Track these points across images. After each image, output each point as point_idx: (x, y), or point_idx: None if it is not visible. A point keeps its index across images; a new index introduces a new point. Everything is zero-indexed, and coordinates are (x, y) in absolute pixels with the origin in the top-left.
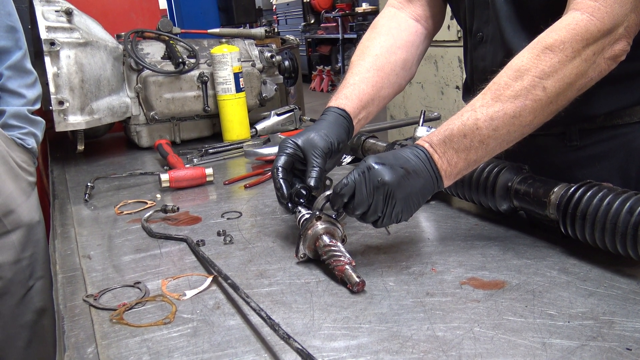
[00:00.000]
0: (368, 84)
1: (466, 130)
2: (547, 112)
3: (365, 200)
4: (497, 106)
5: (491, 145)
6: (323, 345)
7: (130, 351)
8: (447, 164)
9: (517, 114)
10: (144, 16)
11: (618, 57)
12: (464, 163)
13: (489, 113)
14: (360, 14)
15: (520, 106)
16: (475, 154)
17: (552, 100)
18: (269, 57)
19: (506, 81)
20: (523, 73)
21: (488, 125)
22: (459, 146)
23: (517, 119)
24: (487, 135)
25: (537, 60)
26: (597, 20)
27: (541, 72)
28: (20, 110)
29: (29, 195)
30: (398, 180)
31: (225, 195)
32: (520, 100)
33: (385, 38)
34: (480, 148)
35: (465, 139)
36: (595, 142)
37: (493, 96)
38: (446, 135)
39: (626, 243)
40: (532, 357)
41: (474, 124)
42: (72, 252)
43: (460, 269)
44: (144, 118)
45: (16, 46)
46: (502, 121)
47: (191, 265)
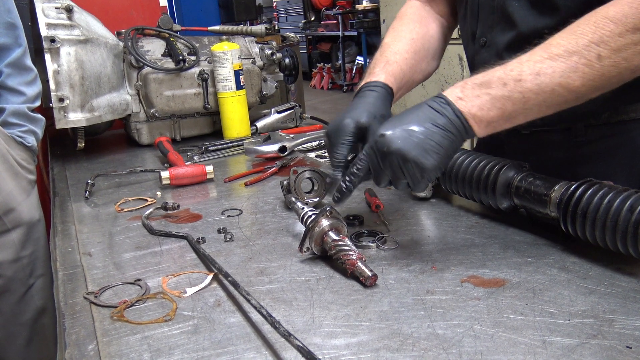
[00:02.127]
0: (407, 65)
1: (507, 80)
2: (597, 83)
3: (382, 172)
4: (546, 63)
5: (531, 101)
6: (323, 343)
7: (131, 348)
8: (477, 109)
9: (565, 75)
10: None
11: None
12: (497, 112)
13: (537, 68)
14: (361, 12)
15: (571, 67)
16: (512, 105)
17: (604, 71)
18: (269, 54)
19: (559, 42)
20: (579, 36)
21: (533, 79)
22: (496, 93)
23: (565, 80)
24: (529, 89)
25: (595, 27)
26: None
27: (598, 39)
28: (20, 108)
29: (29, 194)
30: (405, 142)
31: (225, 193)
32: (573, 60)
33: (419, 25)
34: (519, 102)
35: (504, 87)
36: (601, 138)
37: (543, 53)
38: (484, 80)
39: (627, 241)
40: (533, 355)
41: (518, 75)
42: (73, 250)
43: (460, 266)
44: (144, 115)
45: (16, 43)
46: (548, 78)
47: (192, 263)
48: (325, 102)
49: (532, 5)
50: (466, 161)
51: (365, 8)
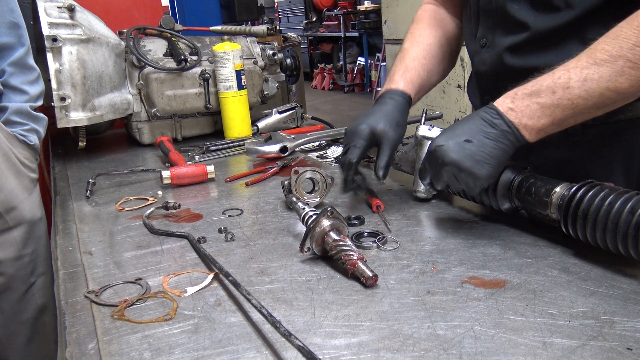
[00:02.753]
0: (424, 70)
1: (556, 87)
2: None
3: (440, 179)
4: (592, 68)
5: (580, 107)
6: (324, 343)
7: (132, 347)
8: (528, 118)
9: (612, 79)
10: (146, 13)
11: None
12: (547, 119)
13: (583, 74)
14: (362, 13)
15: (617, 71)
16: (562, 112)
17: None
18: (270, 54)
19: (603, 47)
20: (622, 40)
21: (580, 85)
22: (545, 101)
23: (613, 84)
24: (577, 96)
25: (638, 31)
26: None
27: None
28: (23, 106)
29: (31, 192)
30: (460, 155)
31: (226, 193)
32: (619, 64)
33: (435, 30)
34: (568, 108)
35: (554, 95)
36: (598, 137)
37: (589, 59)
38: (534, 90)
39: (627, 243)
40: (533, 356)
41: (566, 83)
42: (74, 249)
43: (461, 267)
44: (145, 115)
45: (19, 42)
46: (596, 84)
47: (192, 262)
48: (327, 103)
49: (533, 6)
50: None
51: (367, 9)
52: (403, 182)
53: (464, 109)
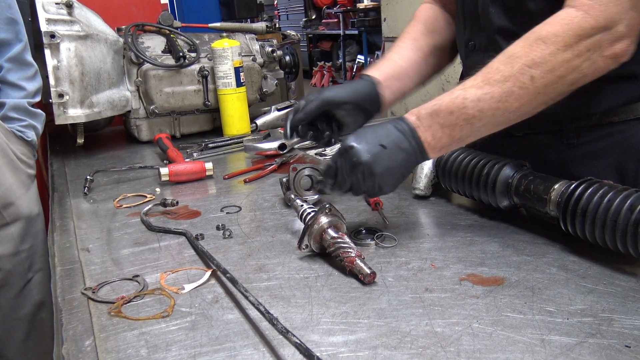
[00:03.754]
0: (402, 59)
1: (453, 108)
2: (535, 101)
3: (346, 180)
4: (485, 88)
5: (476, 125)
6: (321, 340)
7: (129, 344)
8: (431, 138)
9: (502, 99)
10: (144, 10)
11: (619, 57)
12: (447, 139)
13: (477, 94)
14: (362, 10)
15: (506, 91)
16: (460, 131)
17: (539, 91)
18: (269, 51)
19: (497, 66)
20: (514, 60)
21: (474, 105)
22: (444, 121)
23: (503, 104)
24: (472, 115)
25: (529, 50)
26: (591, 18)
27: (531, 61)
28: (20, 102)
29: (29, 188)
30: (374, 158)
31: (224, 190)
32: (508, 85)
33: (423, 25)
34: (465, 126)
35: (451, 116)
36: (592, 139)
37: (483, 79)
38: (434, 110)
39: (626, 240)
40: (531, 353)
41: (462, 103)
42: (71, 245)
43: (459, 265)
44: (144, 112)
45: (16, 38)
46: (488, 104)
47: (190, 259)
48: None
49: (505, 11)
50: (466, 159)
51: (367, 7)
52: None
53: None
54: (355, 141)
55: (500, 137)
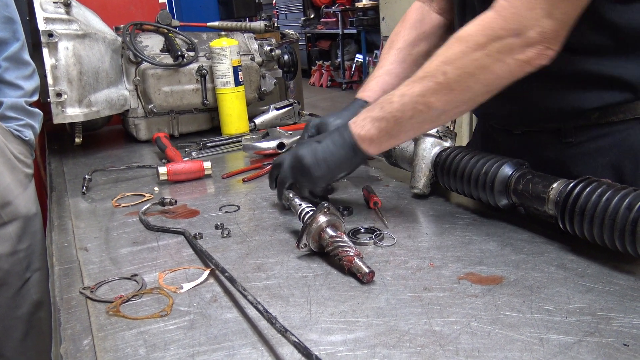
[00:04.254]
0: (391, 75)
1: (384, 102)
2: (450, 97)
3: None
4: (410, 85)
5: (402, 120)
6: (320, 339)
7: (127, 343)
8: (361, 129)
9: (421, 94)
10: (143, 8)
11: (534, 61)
12: (376, 131)
13: (403, 89)
14: (360, 9)
15: (424, 87)
16: (387, 124)
17: (452, 87)
18: (268, 51)
19: (427, 64)
20: (434, 58)
21: (399, 100)
22: (375, 115)
23: (422, 98)
24: (396, 109)
25: (447, 48)
26: (501, 19)
27: (445, 58)
28: (18, 101)
29: (26, 187)
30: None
31: (223, 189)
32: (425, 81)
33: (409, 31)
34: (392, 121)
35: (381, 110)
36: (590, 138)
37: (415, 75)
38: (370, 105)
39: (624, 239)
40: (530, 352)
41: (390, 98)
42: (69, 245)
43: (458, 264)
44: (142, 111)
45: (14, 37)
46: (409, 98)
47: (188, 258)
48: (324, 100)
49: None
50: (464, 158)
51: (365, 6)
52: (400, 179)
53: None
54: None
55: (499, 134)
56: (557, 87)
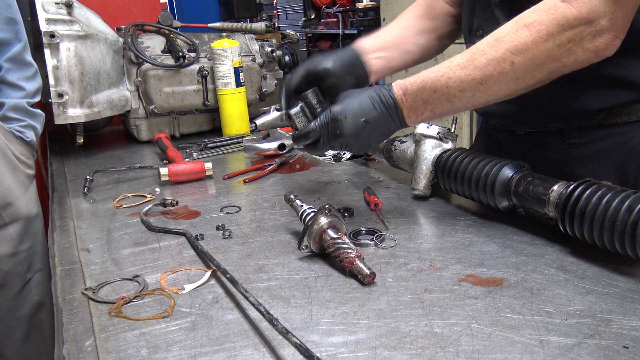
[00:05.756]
0: (389, 34)
1: (438, 86)
2: (513, 86)
3: (326, 146)
4: (469, 69)
5: (457, 104)
6: (321, 341)
7: (129, 344)
8: (413, 113)
9: (483, 82)
10: (144, 9)
11: (602, 51)
12: (429, 114)
13: (460, 75)
14: (361, 10)
15: (487, 75)
16: (441, 108)
17: (518, 76)
18: (269, 51)
19: (483, 48)
20: (498, 44)
21: (457, 86)
22: (428, 98)
23: (483, 86)
24: (453, 95)
25: (514, 35)
26: (575, 10)
27: (514, 47)
28: (20, 102)
29: (28, 188)
30: (356, 132)
31: (224, 190)
32: (489, 69)
33: (417, 8)
34: (446, 104)
35: (435, 94)
36: (594, 140)
37: (469, 59)
38: (420, 86)
39: (624, 241)
40: (530, 354)
41: (446, 82)
42: (71, 245)
43: (458, 265)
44: (143, 112)
45: (16, 38)
46: (468, 85)
47: (190, 260)
48: None
49: None
50: (465, 160)
51: (366, 6)
52: (401, 180)
53: None
54: (340, 113)
55: (502, 134)
56: (562, 87)
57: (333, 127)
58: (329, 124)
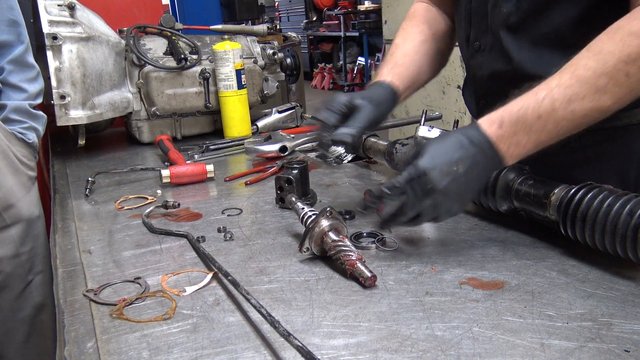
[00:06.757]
0: (415, 66)
1: (541, 111)
2: (627, 98)
3: (414, 208)
4: (575, 87)
5: (565, 127)
6: (322, 343)
7: (130, 346)
8: (514, 147)
9: (597, 98)
10: (146, 11)
11: None
12: (533, 144)
13: (567, 94)
14: (363, 12)
15: (600, 90)
16: (547, 135)
17: (633, 87)
18: (270, 54)
19: (586, 63)
20: (606, 56)
21: (565, 107)
22: (531, 127)
23: (597, 103)
24: (562, 117)
25: (622, 45)
26: None
27: (626, 57)
28: (22, 104)
29: (29, 190)
30: (452, 183)
31: (225, 192)
32: (601, 83)
33: (427, 27)
34: (554, 130)
35: (539, 120)
36: (594, 143)
37: (571, 77)
38: (520, 115)
39: (626, 245)
40: (531, 357)
41: (551, 106)
42: (73, 247)
43: (459, 268)
44: (145, 113)
45: (18, 40)
46: (580, 104)
47: (191, 262)
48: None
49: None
50: None
51: (367, 9)
52: None
53: (463, 110)
54: (429, 164)
55: None
56: None
57: (422, 182)
58: (414, 180)
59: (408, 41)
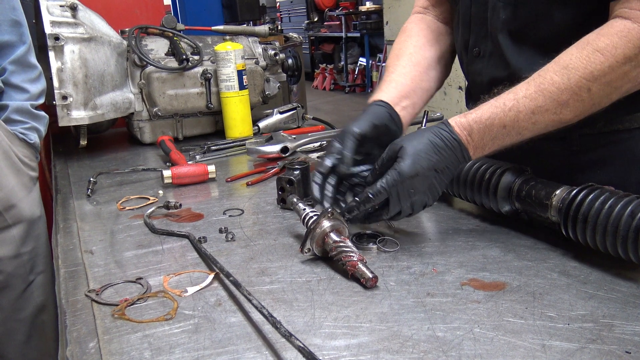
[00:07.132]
0: (406, 78)
1: (506, 121)
2: (588, 110)
3: (397, 207)
4: (539, 100)
5: (526, 135)
6: (324, 344)
7: (132, 347)
8: (480, 150)
9: (557, 111)
10: (148, 12)
11: None
12: (497, 147)
13: (531, 107)
14: (364, 13)
15: (562, 103)
16: (510, 141)
17: (595, 102)
18: (272, 54)
19: (552, 77)
20: (570, 72)
21: (528, 118)
22: (496, 135)
23: (557, 116)
24: (524, 127)
25: (587, 62)
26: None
27: (589, 74)
28: (24, 105)
29: (31, 190)
30: (431, 186)
31: (227, 193)
32: (563, 97)
33: (417, 38)
34: (516, 137)
35: (504, 129)
36: (596, 147)
37: (537, 89)
38: (487, 124)
39: (627, 246)
40: (532, 358)
41: (515, 116)
42: (75, 247)
43: (461, 269)
44: (147, 114)
45: (20, 41)
46: (542, 117)
47: (193, 262)
48: (328, 103)
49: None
50: (468, 164)
51: (369, 10)
52: None
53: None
54: (411, 171)
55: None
56: None
57: (404, 187)
58: (397, 185)
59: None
